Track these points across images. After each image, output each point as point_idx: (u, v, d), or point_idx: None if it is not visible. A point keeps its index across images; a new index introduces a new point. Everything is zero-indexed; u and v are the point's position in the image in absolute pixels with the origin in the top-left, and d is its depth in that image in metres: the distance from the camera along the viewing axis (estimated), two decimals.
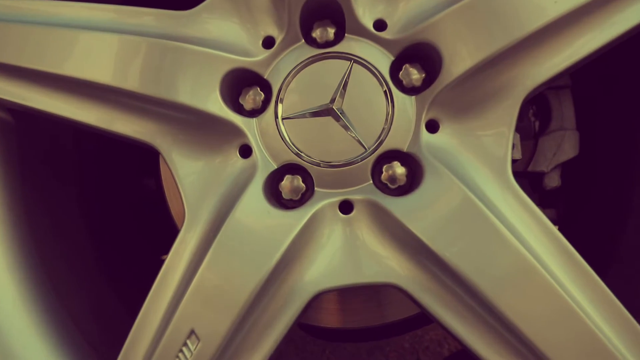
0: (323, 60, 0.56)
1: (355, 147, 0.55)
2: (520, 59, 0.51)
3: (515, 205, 0.51)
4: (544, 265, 0.50)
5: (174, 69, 0.53)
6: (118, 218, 0.85)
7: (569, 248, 0.51)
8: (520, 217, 0.51)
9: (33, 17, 0.57)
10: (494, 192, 0.51)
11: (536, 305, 0.49)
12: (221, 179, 0.55)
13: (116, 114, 0.55)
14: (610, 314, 0.50)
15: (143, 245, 0.87)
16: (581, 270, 0.51)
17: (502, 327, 0.51)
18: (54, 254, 0.67)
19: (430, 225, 0.50)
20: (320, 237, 0.53)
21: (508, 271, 0.49)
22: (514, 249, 0.50)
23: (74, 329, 0.63)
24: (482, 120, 0.53)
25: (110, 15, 0.56)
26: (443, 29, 0.52)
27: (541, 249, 0.50)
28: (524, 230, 0.50)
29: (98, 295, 0.73)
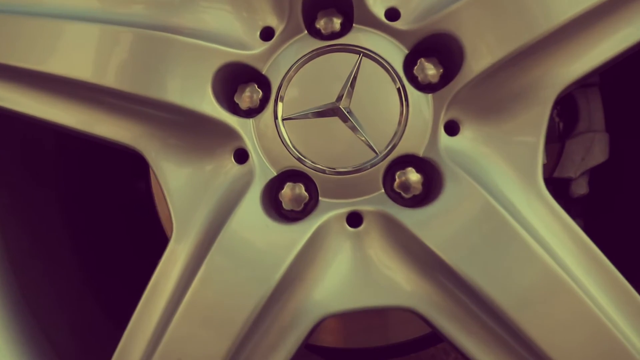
0: (328, 53, 0.50)
1: (364, 152, 0.49)
2: (554, 52, 0.45)
3: (547, 217, 0.45)
4: (581, 285, 0.44)
5: (161, 64, 0.47)
6: (104, 224, 0.80)
7: (609, 266, 0.45)
8: (553, 230, 0.45)
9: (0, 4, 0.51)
10: (523, 203, 0.45)
11: (573, 332, 0.44)
12: (214, 187, 0.48)
13: (97, 115, 0.49)
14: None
15: (132, 253, 0.81)
16: (623, 291, 0.45)
17: (531, 356, 0.45)
18: (28, 263, 0.61)
19: (451, 241, 0.44)
20: (326, 255, 0.47)
21: (540, 293, 0.43)
22: (547, 268, 0.44)
23: (48, 347, 0.57)
24: (508, 122, 0.47)
25: (92, 3, 0.50)
26: (465, 18, 0.46)
27: (577, 267, 0.45)
28: (558, 246, 0.44)
29: (79, 309, 0.67)
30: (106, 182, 0.79)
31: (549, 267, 0.44)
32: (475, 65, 0.46)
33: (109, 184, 0.80)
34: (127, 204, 0.82)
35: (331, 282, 0.47)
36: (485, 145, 0.47)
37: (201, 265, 0.46)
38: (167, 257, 0.47)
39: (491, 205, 0.44)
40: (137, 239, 0.81)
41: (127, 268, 0.78)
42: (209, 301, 0.45)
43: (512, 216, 0.43)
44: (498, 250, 0.43)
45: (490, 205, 0.44)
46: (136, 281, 0.83)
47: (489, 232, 0.44)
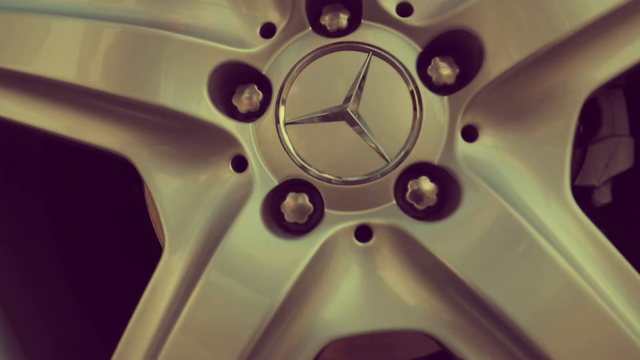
0: (335, 51, 0.46)
1: (374, 159, 0.45)
2: (582, 52, 0.41)
3: (576, 231, 0.42)
4: (614, 307, 0.40)
5: (153, 63, 0.43)
6: (94, 232, 0.76)
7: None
8: (582, 246, 0.42)
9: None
10: (550, 216, 0.41)
11: (602, 356, 0.40)
12: (210, 197, 0.44)
13: (83, 120, 0.45)
14: None
15: (123, 263, 0.77)
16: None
17: None
18: (10, 277, 0.57)
19: (470, 259, 0.40)
20: (333, 273, 0.43)
21: (569, 315, 0.40)
22: (578, 288, 0.40)
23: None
24: (532, 127, 0.43)
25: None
26: (486, 14, 0.42)
27: (609, 288, 0.41)
28: (588, 264, 0.40)
29: (66, 324, 0.64)
30: (97, 187, 0.75)
31: (580, 287, 0.40)
32: (496, 65, 0.42)
33: (100, 189, 0.76)
34: (119, 210, 0.78)
35: (339, 302, 0.43)
36: (507, 153, 0.44)
37: (197, 282, 0.42)
38: (159, 273, 0.43)
39: (514, 219, 0.40)
40: (130, 247, 0.78)
41: (118, 279, 0.74)
42: (206, 321, 0.41)
43: (537, 231, 0.40)
44: (522, 268, 0.39)
45: (514, 219, 0.40)
46: (127, 294, 0.78)
47: (512, 248, 0.40)
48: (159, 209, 0.43)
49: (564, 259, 0.40)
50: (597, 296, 0.40)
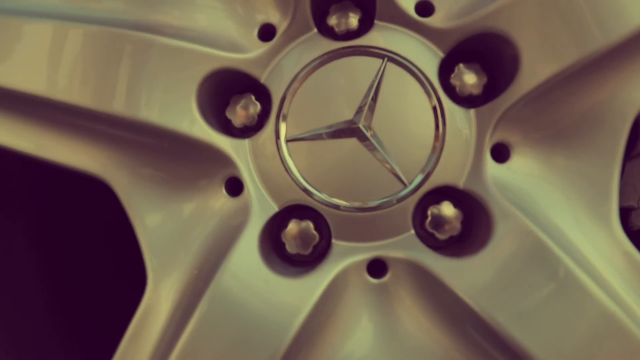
0: (344, 57, 0.40)
1: (390, 182, 0.39)
2: (633, 62, 0.36)
3: (625, 268, 0.37)
4: None
5: (135, 72, 0.37)
6: (80, 255, 0.70)
7: None
8: (632, 285, 0.37)
9: None
10: (594, 251, 0.36)
11: None
12: (200, 228, 0.38)
13: (56, 138, 0.39)
14: None
15: (110, 287, 0.72)
16: None
17: None
18: None
19: (504, 304, 0.34)
20: (342, 315, 0.37)
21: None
22: (620, 330, 0.35)
23: None
24: (573, 148, 0.37)
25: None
26: (523, 15, 0.36)
27: None
28: (636, 303, 0.36)
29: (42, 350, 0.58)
30: (82, 201, 0.70)
31: (629, 333, 0.35)
32: (533, 76, 0.36)
33: (85, 204, 0.70)
34: (105, 225, 0.73)
35: (351, 348, 0.38)
36: (543, 177, 0.38)
37: (185, 327, 0.37)
38: (140, 316, 0.38)
39: (554, 255, 0.34)
40: (116, 265, 0.72)
41: (104, 307, 0.69)
42: None
43: (580, 268, 0.34)
44: (564, 314, 0.34)
45: (554, 256, 0.34)
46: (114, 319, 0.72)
47: (552, 291, 0.34)
48: (141, 243, 0.38)
49: (610, 299, 0.35)
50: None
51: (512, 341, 0.34)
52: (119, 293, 0.76)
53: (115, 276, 0.78)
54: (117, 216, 0.72)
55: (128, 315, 0.71)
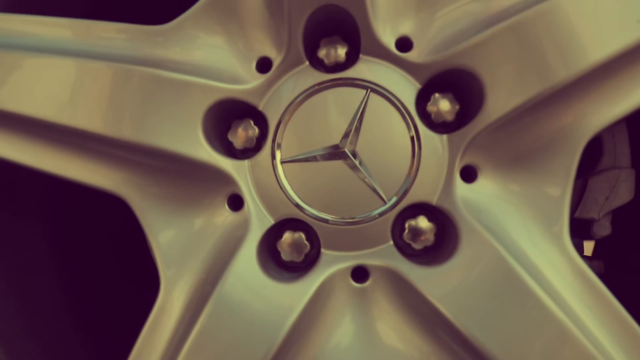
0: (332, 88, 0.45)
1: (372, 200, 0.44)
2: (588, 94, 0.41)
3: (574, 279, 0.42)
4: (607, 356, 0.41)
5: (145, 104, 0.42)
6: (94, 255, 0.75)
7: (636, 331, 0.42)
8: (577, 294, 0.41)
9: None
10: (548, 264, 0.41)
11: None
12: (206, 237, 0.44)
13: (73, 159, 0.44)
14: None
15: (122, 283, 0.77)
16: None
17: None
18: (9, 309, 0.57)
19: (466, 308, 0.39)
20: (329, 315, 0.43)
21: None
22: (567, 335, 0.39)
23: None
24: (532, 170, 0.42)
25: (67, 34, 0.45)
26: (487, 53, 0.41)
27: (605, 336, 0.41)
28: (585, 314, 0.40)
29: (61, 349, 0.63)
30: (97, 209, 0.74)
31: (575, 338, 0.39)
32: (497, 107, 0.41)
33: (99, 212, 0.75)
34: (117, 231, 0.77)
35: (336, 345, 0.43)
36: (505, 196, 0.43)
37: (193, 327, 0.42)
38: (154, 316, 0.43)
39: (511, 268, 0.39)
40: (127, 267, 0.77)
41: (117, 306, 0.74)
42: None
43: (535, 281, 0.39)
44: (519, 319, 0.39)
45: (511, 268, 0.39)
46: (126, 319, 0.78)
47: (508, 297, 0.39)
48: (154, 251, 0.43)
49: (561, 310, 0.40)
50: (591, 345, 0.39)
51: (474, 341, 0.39)
52: (130, 291, 0.81)
53: (126, 275, 0.83)
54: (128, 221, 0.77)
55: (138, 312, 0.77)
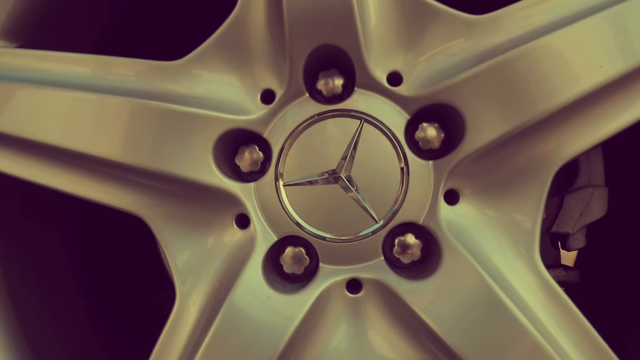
0: (330, 118, 0.50)
1: (365, 219, 0.49)
2: (557, 129, 0.45)
3: (541, 293, 0.46)
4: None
5: (161, 135, 0.47)
6: (106, 257, 0.80)
7: (597, 340, 0.46)
8: (544, 307, 0.46)
9: (5, 72, 0.49)
10: (519, 281, 0.46)
11: None
12: (217, 254, 0.49)
13: (94, 182, 0.49)
14: None
15: (133, 283, 0.82)
16: None
17: None
18: (30, 305, 0.62)
19: (445, 316, 0.45)
20: (327, 322, 0.48)
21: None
22: (535, 345, 0.44)
23: None
24: (507, 196, 0.47)
25: (87, 70, 0.49)
26: (468, 91, 0.45)
27: (565, 341, 0.45)
28: (552, 327, 0.45)
29: (82, 348, 0.68)
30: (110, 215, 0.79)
31: (541, 348, 0.44)
32: (477, 139, 0.46)
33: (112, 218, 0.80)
34: (127, 236, 0.82)
35: (332, 349, 0.48)
36: (484, 218, 0.48)
37: (207, 332, 0.47)
38: (171, 323, 0.48)
39: (488, 285, 0.45)
40: (136, 268, 0.82)
41: (128, 300, 0.79)
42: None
43: (508, 296, 0.44)
44: (493, 329, 0.44)
45: (487, 285, 0.45)
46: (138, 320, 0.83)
47: (484, 311, 0.44)
48: (171, 266, 0.48)
49: (529, 321, 0.45)
50: (555, 353, 0.44)
51: (454, 348, 0.45)
52: (139, 290, 0.86)
53: (135, 275, 0.88)
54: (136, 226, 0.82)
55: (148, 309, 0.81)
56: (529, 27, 0.46)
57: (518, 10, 0.47)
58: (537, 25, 0.46)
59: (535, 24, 0.46)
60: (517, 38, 0.46)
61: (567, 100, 0.44)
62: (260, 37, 0.49)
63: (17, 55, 0.52)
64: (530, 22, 0.46)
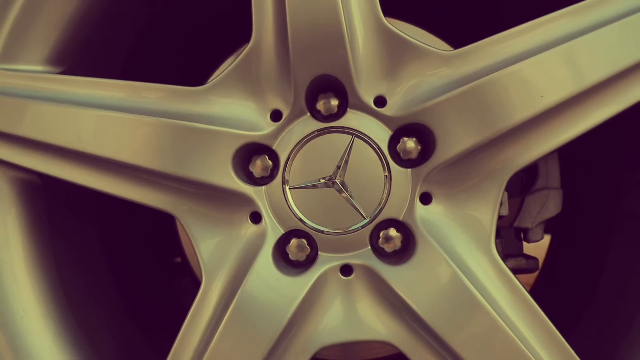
0: (327, 134, 0.61)
1: (355, 216, 0.60)
2: (507, 145, 0.56)
3: (495, 277, 0.57)
4: (515, 330, 0.56)
5: (191, 148, 0.58)
6: (134, 249, 0.91)
7: (540, 314, 0.57)
8: (498, 287, 0.57)
9: (53, 94, 0.61)
10: (478, 266, 0.57)
11: None
12: (235, 244, 0.60)
13: (135, 186, 0.60)
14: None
15: (157, 272, 0.93)
16: (546, 330, 0.57)
17: None
18: (79, 290, 0.73)
19: (418, 293, 0.56)
20: (324, 299, 0.60)
21: (486, 340, 0.55)
22: (489, 317, 0.55)
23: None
24: (470, 198, 0.58)
25: (122, 94, 0.60)
26: (438, 113, 0.56)
27: (514, 315, 0.57)
28: (503, 301, 0.56)
29: (122, 335, 0.79)
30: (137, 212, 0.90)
31: (494, 319, 0.55)
32: (444, 153, 0.57)
33: (139, 214, 0.91)
34: (152, 230, 0.93)
35: (328, 321, 0.59)
36: (451, 215, 0.59)
37: (228, 308, 0.58)
38: (199, 300, 0.59)
39: (452, 269, 0.56)
40: (160, 262, 0.93)
41: (153, 285, 0.90)
42: (234, 338, 0.57)
43: (468, 278, 0.56)
44: (455, 304, 0.56)
45: (451, 269, 0.56)
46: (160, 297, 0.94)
47: (449, 290, 0.56)
48: (198, 254, 0.59)
49: (486, 301, 0.56)
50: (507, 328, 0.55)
51: (426, 320, 0.55)
52: (161, 276, 0.97)
53: (158, 264, 0.99)
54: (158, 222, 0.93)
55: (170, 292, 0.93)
56: (488, 62, 0.57)
57: (479, 48, 0.57)
58: (493, 61, 0.57)
59: (493, 60, 0.57)
60: (478, 71, 0.57)
61: (514, 123, 0.55)
62: (269, 68, 0.60)
63: (66, 82, 0.63)
64: (488, 59, 0.57)
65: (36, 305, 0.67)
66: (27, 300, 0.65)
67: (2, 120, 0.63)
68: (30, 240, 0.67)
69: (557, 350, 0.57)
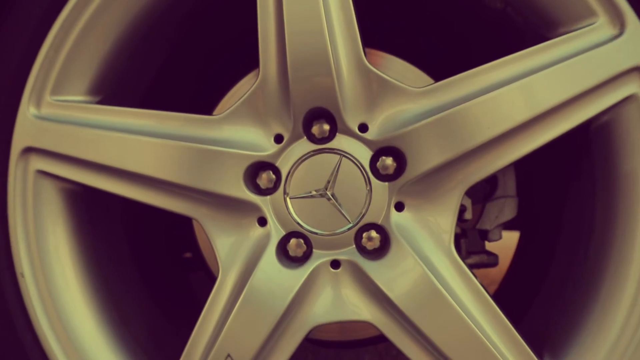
0: (320, 154, 0.75)
1: (342, 221, 0.74)
2: (464, 165, 0.71)
3: (454, 271, 0.72)
4: (471, 316, 0.70)
5: (210, 168, 0.73)
6: (153, 243, 1.04)
7: (490, 303, 0.72)
8: (456, 280, 0.72)
9: (95, 122, 0.75)
10: (440, 262, 0.72)
11: (456, 334, 0.70)
12: (245, 243, 0.76)
13: (163, 196, 0.75)
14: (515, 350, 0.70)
15: (174, 266, 1.06)
16: (494, 315, 0.71)
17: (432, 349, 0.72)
18: (114, 282, 0.86)
19: (392, 283, 0.71)
20: (317, 287, 0.74)
21: (443, 319, 0.70)
22: (448, 304, 0.70)
23: (137, 347, 0.83)
24: (434, 207, 0.73)
25: (151, 122, 0.75)
26: (409, 139, 0.71)
27: (469, 302, 0.71)
28: (460, 291, 0.71)
29: (150, 319, 0.93)
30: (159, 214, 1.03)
31: (452, 306, 0.70)
32: (413, 171, 0.71)
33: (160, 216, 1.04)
34: (169, 228, 1.06)
35: (320, 305, 0.73)
36: (419, 221, 0.73)
37: (239, 298, 0.73)
38: (216, 289, 0.73)
39: (419, 264, 0.70)
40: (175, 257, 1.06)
41: (171, 277, 1.03)
42: (246, 318, 0.72)
43: (431, 272, 0.70)
44: (421, 292, 0.70)
45: (418, 264, 0.70)
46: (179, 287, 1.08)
47: (417, 282, 0.71)
48: (216, 252, 0.73)
49: (446, 291, 0.70)
50: (462, 312, 0.70)
51: (397, 303, 0.68)
52: (176, 270, 1.11)
53: (173, 259, 1.12)
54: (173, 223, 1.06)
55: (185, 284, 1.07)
56: (449, 98, 0.71)
57: (443, 86, 0.70)
58: (454, 97, 0.70)
59: (453, 96, 0.70)
60: (442, 105, 0.71)
61: (469, 147, 0.69)
62: (273, 101, 0.74)
63: (105, 111, 0.78)
64: (449, 95, 0.70)
65: (81, 297, 0.80)
66: (75, 293, 0.79)
67: (54, 142, 0.77)
68: (75, 237, 0.81)
69: (502, 329, 0.71)
